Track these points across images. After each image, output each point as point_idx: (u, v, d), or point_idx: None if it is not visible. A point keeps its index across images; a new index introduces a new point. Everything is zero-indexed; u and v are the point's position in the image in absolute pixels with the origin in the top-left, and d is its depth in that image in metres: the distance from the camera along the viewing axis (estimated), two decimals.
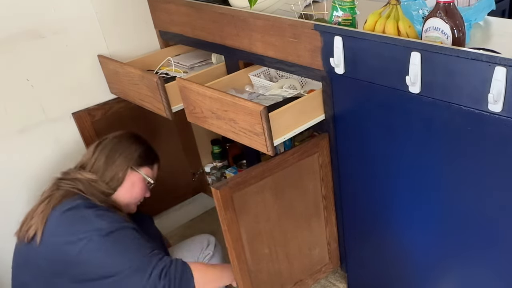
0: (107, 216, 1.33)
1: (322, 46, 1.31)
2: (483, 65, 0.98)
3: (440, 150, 1.17)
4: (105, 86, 1.88)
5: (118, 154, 1.47)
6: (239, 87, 1.66)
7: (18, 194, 1.77)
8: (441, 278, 1.38)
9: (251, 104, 1.29)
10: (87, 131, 1.86)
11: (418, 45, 1.09)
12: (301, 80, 1.63)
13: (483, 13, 1.33)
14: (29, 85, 1.71)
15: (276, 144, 1.33)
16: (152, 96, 1.64)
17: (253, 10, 1.45)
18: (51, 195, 1.38)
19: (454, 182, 1.19)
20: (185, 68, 1.88)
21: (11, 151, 1.72)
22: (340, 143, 1.46)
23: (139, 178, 1.50)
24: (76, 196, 1.37)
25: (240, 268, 1.44)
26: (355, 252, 1.67)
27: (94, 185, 1.42)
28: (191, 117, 1.57)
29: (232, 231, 1.38)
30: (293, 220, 1.53)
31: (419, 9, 1.28)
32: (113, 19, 1.84)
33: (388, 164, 1.33)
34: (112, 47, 1.87)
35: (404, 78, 1.13)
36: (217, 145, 2.22)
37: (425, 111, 1.15)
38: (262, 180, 1.39)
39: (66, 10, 1.72)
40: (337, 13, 1.30)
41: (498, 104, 0.99)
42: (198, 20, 1.69)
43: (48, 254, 1.32)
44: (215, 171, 2.25)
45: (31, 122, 1.74)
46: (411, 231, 1.38)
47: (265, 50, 1.50)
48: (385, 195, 1.40)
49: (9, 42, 1.62)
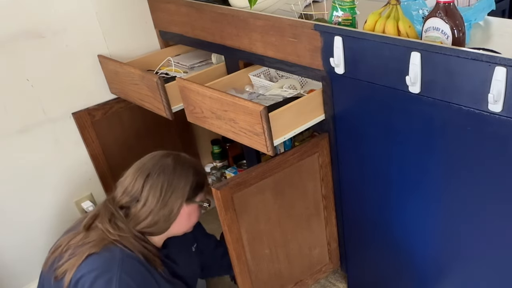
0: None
1: (322, 46, 1.31)
2: (483, 65, 0.98)
3: (440, 150, 1.17)
4: (105, 86, 1.88)
5: (170, 193, 1.36)
6: (239, 87, 1.66)
7: (18, 194, 1.77)
8: (441, 278, 1.38)
9: (251, 104, 1.29)
10: (87, 131, 1.86)
11: (418, 45, 1.09)
12: (301, 80, 1.63)
13: (483, 13, 1.33)
14: (29, 85, 1.71)
15: (276, 144, 1.33)
16: (152, 96, 1.64)
17: (253, 10, 1.45)
18: (91, 239, 1.32)
19: (454, 182, 1.19)
20: (185, 68, 1.88)
21: (11, 151, 1.72)
22: (340, 143, 1.46)
23: (195, 208, 1.44)
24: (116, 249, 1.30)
25: (241, 268, 1.44)
26: (355, 252, 1.67)
27: (145, 231, 1.37)
28: (191, 117, 1.57)
29: (233, 231, 1.38)
30: (293, 220, 1.53)
31: (419, 9, 1.27)
32: (113, 19, 1.84)
33: (388, 164, 1.33)
34: (112, 47, 1.87)
35: (404, 78, 1.13)
36: (217, 145, 2.22)
37: (425, 111, 1.15)
38: (262, 180, 1.39)
39: (66, 10, 1.72)
40: (337, 13, 1.30)
41: (498, 104, 0.99)
42: (198, 20, 1.69)
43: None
44: (215, 171, 2.25)
45: (31, 122, 1.74)
46: (411, 231, 1.38)
47: (265, 50, 1.50)
48: (385, 195, 1.40)
49: (9, 42, 1.62)
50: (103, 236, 1.32)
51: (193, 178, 1.41)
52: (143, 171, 1.38)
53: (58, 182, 1.86)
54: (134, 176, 1.38)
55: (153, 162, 1.40)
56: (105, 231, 1.33)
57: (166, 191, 1.36)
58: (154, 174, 1.37)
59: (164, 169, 1.38)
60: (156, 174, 1.37)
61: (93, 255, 1.28)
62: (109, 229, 1.33)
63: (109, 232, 1.33)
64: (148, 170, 1.38)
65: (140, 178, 1.37)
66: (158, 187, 1.35)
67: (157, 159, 1.41)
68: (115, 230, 1.33)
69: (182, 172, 1.39)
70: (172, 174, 1.38)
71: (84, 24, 1.78)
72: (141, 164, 1.41)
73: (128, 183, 1.38)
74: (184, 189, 1.38)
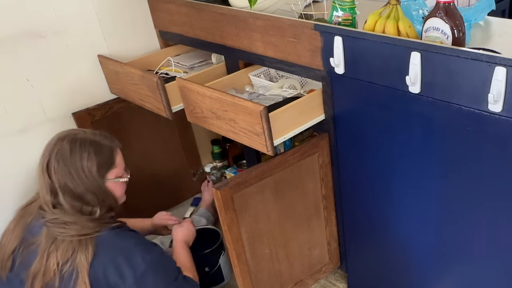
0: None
1: (322, 46, 1.31)
2: (483, 65, 0.98)
3: (440, 150, 1.17)
4: (105, 86, 1.88)
5: (79, 180, 1.30)
6: (239, 87, 1.66)
7: (18, 194, 1.77)
8: (441, 278, 1.38)
9: (251, 104, 1.29)
10: None
11: (418, 45, 1.09)
12: (301, 80, 1.63)
13: (483, 13, 1.33)
14: (29, 85, 1.71)
15: (276, 144, 1.33)
16: (152, 96, 1.64)
17: (253, 10, 1.45)
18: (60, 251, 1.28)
19: (454, 182, 1.19)
20: (185, 68, 1.88)
21: (11, 151, 1.72)
22: (340, 143, 1.46)
23: (114, 184, 1.38)
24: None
25: (241, 268, 1.44)
26: (355, 252, 1.67)
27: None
28: (191, 117, 1.57)
29: (233, 231, 1.38)
30: (293, 220, 1.53)
31: (419, 9, 1.27)
32: (113, 19, 1.84)
33: (388, 164, 1.33)
34: (112, 47, 1.87)
35: (404, 78, 1.13)
36: (217, 145, 2.22)
37: (425, 111, 1.15)
38: (262, 180, 1.39)
39: (66, 10, 1.72)
40: (337, 13, 1.30)
41: (498, 104, 0.99)
42: (198, 20, 1.69)
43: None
44: (215, 171, 2.25)
45: (31, 122, 1.74)
46: (411, 231, 1.38)
47: (265, 50, 1.50)
48: (385, 195, 1.40)
49: (9, 42, 1.62)
50: (79, 236, 1.28)
51: (96, 155, 1.33)
52: (43, 162, 1.32)
53: None
54: (40, 170, 1.33)
55: (49, 149, 1.33)
56: (74, 235, 1.28)
57: (73, 176, 1.30)
58: (53, 161, 1.31)
59: (62, 154, 1.31)
60: (55, 161, 1.30)
61: (97, 252, 1.27)
62: (74, 230, 1.28)
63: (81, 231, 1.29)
64: (47, 159, 1.32)
65: (44, 171, 1.31)
66: (64, 173, 1.30)
67: (52, 145, 1.34)
68: (79, 226, 1.29)
69: (83, 152, 1.31)
70: (72, 158, 1.30)
71: (84, 24, 1.78)
72: (41, 156, 1.35)
73: (39, 180, 1.33)
74: (91, 169, 1.31)
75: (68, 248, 1.27)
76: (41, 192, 1.33)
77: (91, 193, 1.32)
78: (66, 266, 1.26)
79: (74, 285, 1.26)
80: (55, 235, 1.29)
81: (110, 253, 1.29)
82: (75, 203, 1.31)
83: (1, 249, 1.36)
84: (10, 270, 1.34)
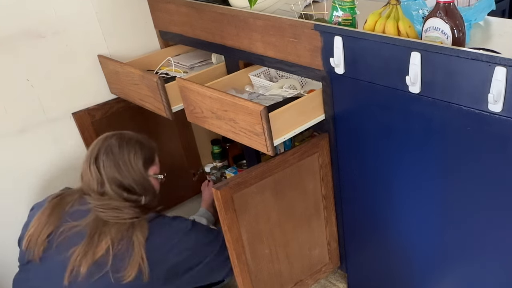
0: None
1: (322, 46, 1.31)
2: (483, 65, 0.98)
3: (440, 150, 1.17)
4: (105, 86, 1.88)
5: (125, 169, 1.47)
6: (239, 87, 1.66)
7: (18, 194, 1.77)
8: (441, 278, 1.38)
9: (251, 104, 1.29)
10: (87, 131, 1.86)
11: (418, 45, 1.09)
12: (301, 80, 1.63)
13: (483, 13, 1.33)
14: (29, 85, 1.71)
15: (276, 144, 1.33)
16: (152, 96, 1.64)
17: (253, 10, 1.45)
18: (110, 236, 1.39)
19: (454, 182, 1.19)
20: (185, 68, 1.88)
21: (11, 151, 1.72)
22: (340, 143, 1.46)
23: (153, 180, 1.56)
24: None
25: (241, 268, 1.44)
26: (355, 252, 1.67)
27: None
28: (191, 117, 1.57)
29: (233, 231, 1.38)
30: (293, 220, 1.53)
31: (419, 9, 1.27)
32: (113, 19, 1.84)
33: (388, 164, 1.33)
34: (112, 47, 1.87)
35: (404, 78, 1.13)
36: (217, 145, 2.22)
37: (425, 111, 1.15)
38: (262, 180, 1.39)
39: (66, 10, 1.72)
40: (337, 13, 1.30)
41: (498, 104, 0.99)
42: (198, 20, 1.69)
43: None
44: (215, 171, 2.25)
45: (31, 122, 1.74)
46: (411, 231, 1.38)
47: (265, 50, 1.50)
48: (385, 195, 1.40)
49: (9, 42, 1.62)
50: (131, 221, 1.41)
51: (141, 152, 1.51)
52: (91, 156, 1.46)
53: (58, 182, 1.86)
54: (87, 164, 1.46)
55: (98, 145, 1.49)
56: (127, 218, 1.41)
57: (121, 168, 1.45)
58: (102, 156, 1.46)
59: (111, 149, 1.47)
60: (104, 155, 1.46)
61: (150, 230, 1.41)
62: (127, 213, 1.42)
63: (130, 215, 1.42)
64: (95, 153, 1.47)
65: (93, 164, 1.45)
66: (112, 165, 1.45)
67: (101, 142, 1.49)
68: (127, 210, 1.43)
69: (130, 148, 1.49)
70: (120, 153, 1.47)
71: (84, 24, 1.78)
72: (88, 152, 1.49)
73: (85, 173, 1.47)
74: (137, 163, 1.48)
75: (123, 228, 1.39)
76: (89, 183, 1.46)
77: (136, 184, 1.47)
78: (121, 243, 1.37)
79: (129, 260, 1.35)
80: (107, 218, 1.40)
81: (162, 229, 1.44)
82: (121, 192, 1.45)
83: (33, 234, 1.43)
84: (44, 252, 1.41)
